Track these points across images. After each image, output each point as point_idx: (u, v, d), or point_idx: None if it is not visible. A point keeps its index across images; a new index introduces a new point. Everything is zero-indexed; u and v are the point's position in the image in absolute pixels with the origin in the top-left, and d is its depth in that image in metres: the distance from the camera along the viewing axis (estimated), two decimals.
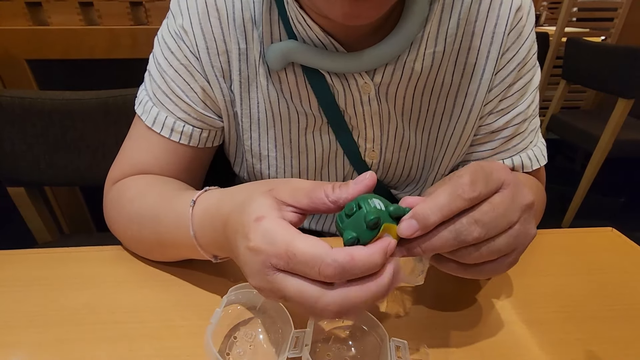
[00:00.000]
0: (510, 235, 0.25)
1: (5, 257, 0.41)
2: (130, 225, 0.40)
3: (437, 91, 0.43)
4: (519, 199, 0.26)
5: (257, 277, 0.24)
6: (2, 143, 0.77)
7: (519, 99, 0.43)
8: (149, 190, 0.40)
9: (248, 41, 0.40)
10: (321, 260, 0.21)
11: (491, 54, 0.40)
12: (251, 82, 0.42)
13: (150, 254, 0.41)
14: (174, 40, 0.41)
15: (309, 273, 0.22)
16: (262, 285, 0.24)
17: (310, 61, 0.38)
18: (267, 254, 0.23)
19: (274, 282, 0.23)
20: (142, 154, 0.44)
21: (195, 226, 0.33)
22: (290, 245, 0.22)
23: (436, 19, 0.39)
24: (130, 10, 0.96)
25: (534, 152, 0.45)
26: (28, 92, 0.79)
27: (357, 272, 0.22)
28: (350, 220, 0.23)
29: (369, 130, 0.45)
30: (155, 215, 0.37)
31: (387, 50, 0.37)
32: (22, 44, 0.96)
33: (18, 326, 0.32)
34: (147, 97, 0.43)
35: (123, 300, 0.36)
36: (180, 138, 0.43)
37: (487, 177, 0.25)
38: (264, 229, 0.23)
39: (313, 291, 0.22)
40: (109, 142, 0.80)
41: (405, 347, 0.28)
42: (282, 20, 0.39)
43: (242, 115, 0.44)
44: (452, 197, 0.24)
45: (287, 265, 0.22)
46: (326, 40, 0.38)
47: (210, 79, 0.42)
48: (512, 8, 0.39)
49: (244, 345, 0.30)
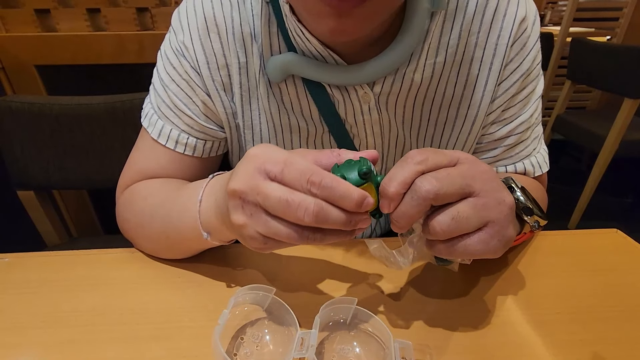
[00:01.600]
0: (473, 204, 0.26)
1: (16, 260, 0.42)
2: (142, 221, 0.41)
3: (438, 101, 0.43)
4: (478, 165, 0.28)
5: (244, 180, 0.26)
6: (12, 147, 0.79)
7: (522, 108, 0.43)
8: (160, 189, 0.41)
9: (248, 55, 0.41)
10: (313, 171, 0.25)
11: (494, 65, 0.40)
12: (252, 95, 0.43)
13: (158, 250, 0.41)
14: (175, 56, 0.42)
15: (299, 181, 0.25)
16: (245, 189, 0.26)
17: (310, 74, 0.39)
18: (264, 159, 0.26)
19: (261, 187, 0.25)
20: (150, 164, 0.45)
21: (205, 191, 0.34)
22: (290, 157, 0.26)
23: (437, 29, 0.39)
24: (136, 16, 0.98)
25: (537, 159, 0.46)
26: (37, 98, 0.80)
27: (335, 194, 0.24)
28: (345, 166, 0.26)
29: (370, 139, 0.45)
30: (165, 207, 0.38)
31: (386, 62, 0.37)
32: (31, 50, 0.98)
33: (29, 327, 0.33)
34: (152, 110, 0.44)
35: (132, 301, 0.36)
36: (185, 149, 0.44)
37: (436, 151, 0.27)
38: (267, 145, 0.28)
39: (298, 195, 0.25)
40: (117, 146, 0.81)
41: (409, 348, 0.28)
42: (282, 33, 0.39)
43: (244, 126, 0.45)
44: (402, 164, 0.26)
45: (280, 173, 0.25)
46: (325, 53, 0.38)
47: (211, 93, 0.42)
48: (517, 19, 0.39)
49: (251, 345, 0.30)
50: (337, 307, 0.31)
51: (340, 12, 0.29)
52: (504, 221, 0.27)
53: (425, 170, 0.26)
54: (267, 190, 0.25)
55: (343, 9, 0.28)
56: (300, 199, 0.24)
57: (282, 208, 0.25)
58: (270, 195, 0.25)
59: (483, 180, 0.27)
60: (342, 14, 0.29)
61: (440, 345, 0.31)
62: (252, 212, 0.26)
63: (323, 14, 0.29)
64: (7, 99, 0.77)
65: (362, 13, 0.29)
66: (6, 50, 0.97)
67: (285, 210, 0.25)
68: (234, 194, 0.26)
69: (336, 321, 0.32)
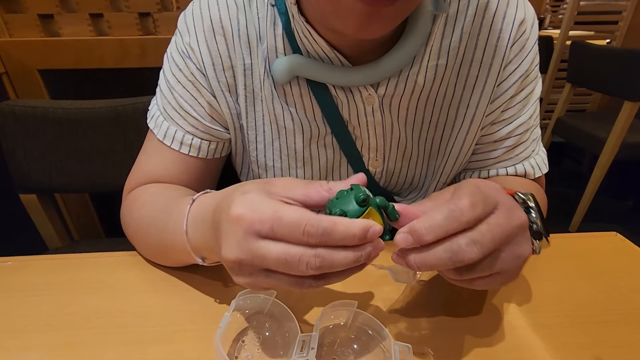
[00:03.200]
0: (493, 257, 0.26)
1: (19, 264, 0.42)
2: (139, 229, 0.41)
3: (439, 102, 0.43)
4: (514, 220, 0.26)
5: (237, 248, 0.24)
6: (15, 151, 0.79)
7: (521, 109, 0.43)
8: (157, 197, 0.42)
9: (253, 56, 0.41)
10: (307, 220, 0.23)
11: (493, 66, 0.41)
12: (256, 96, 0.43)
13: (156, 258, 0.42)
14: (181, 57, 0.42)
15: (294, 234, 0.23)
16: (239, 256, 0.24)
17: (315, 75, 0.39)
18: (251, 220, 0.24)
19: (256, 250, 0.24)
20: (155, 165, 0.45)
21: (189, 221, 0.33)
22: (278, 210, 0.24)
23: (439, 32, 0.39)
24: (139, 21, 0.98)
25: (536, 161, 0.46)
26: (40, 102, 0.81)
27: (337, 237, 0.23)
28: (340, 200, 0.25)
29: (372, 140, 0.45)
30: (160, 220, 0.38)
31: (390, 64, 0.38)
32: (35, 55, 0.99)
33: (32, 330, 0.34)
34: (158, 111, 0.45)
35: (134, 304, 0.36)
36: (190, 150, 0.44)
37: (485, 200, 0.25)
38: (248, 199, 0.25)
39: (297, 250, 0.23)
40: (119, 149, 0.81)
41: (409, 351, 0.28)
42: (286, 35, 0.40)
43: (247, 127, 0.45)
44: (450, 219, 0.24)
45: (271, 230, 0.23)
46: (332, 54, 0.38)
47: (217, 94, 0.43)
48: (516, 21, 0.39)
49: (252, 348, 0.30)
50: (338, 311, 0.32)
51: (371, 10, 0.29)
52: (515, 272, 0.28)
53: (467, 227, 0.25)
54: (263, 252, 0.24)
55: (375, 8, 0.29)
56: (299, 254, 0.23)
57: (283, 266, 0.24)
58: (267, 256, 0.24)
59: (512, 235, 0.26)
60: (373, 13, 0.29)
61: (440, 348, 0.31)
62: (252, 272, 0.25)
63: (354, 12, 0.29)
64: (10, 103, 0.78)
65: (389, 13, 0.30)
66: (10, 55, 0.98)
67: (286, 268, 0.24)
68: (229, 263, 0.26)
69: (336, 324, 0.32)
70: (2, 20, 0.96)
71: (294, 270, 0.23)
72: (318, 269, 0.23)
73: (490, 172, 0.47)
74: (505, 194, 0.27)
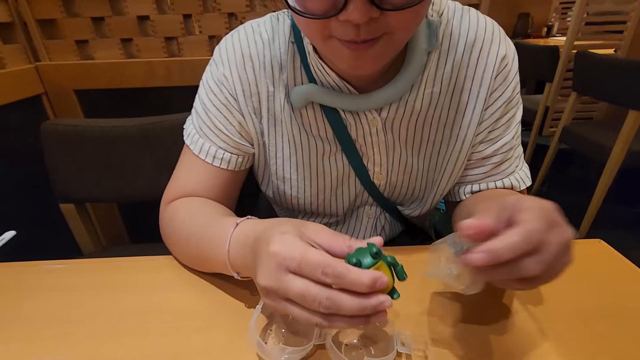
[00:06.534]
0: (554, 269, 0.29)
1: (74, 266, 0.49)
2: (179, 240, 0.48)
3: (435, 124, 0.50)
4: (568, 237, 0.29)
5: (269, 276, 0.30)
6: (57, 165, 0.87)
7: (505, 130, 0.50)
8: (197, 213, 0.48)
9: (275, 85, 0.49)
10: (326, 264, 0.28)
11: (480, 94, 0.47)
12: (277, 118, 0.50)
13: (193, 265, 0.48)
14: (216, 85, 0.49)
15: (315, 273, 0.28)
16: (270, 284, 0.30)
17: (328, 101, 0.46)
18: (283, 256, 0.29)
19: (283, 281, 0.29)
20: (190, 178, 0.52)
21: (231, 242, 0.38)
22: (305, 252, 0.29)
23: (434, 64, 0.46)
24: (165, 45, 1.06)
25: (520, 175, 0.52)
26: (79, 121, 0.89)
27: (347, 282, 0.27)
28: (356, 252, 0.30)
29: (377, 156, 0.52)
30: (200, 234, 0.44)
31: (391, 92, 0.45)
32: (71, 76, 1.07)
33: (94, 320, 0.40)
34: (194, 130, 0.52)
35: (173, 302, 0.42)
36: (221, 163, 0.51)
37: (551, 222, 0.28)
38: (285, 239, 0.30)
39: (315, 289, 0.28)
40: (148, 164, 0.89)
41: (408, 338, 0.34)
42: (304, 67, 0.47)
43: (269, 144, 0.52)
44: (527, 242, 0.27)
45: (298, 267, 0.28)
46: (341, 84, 0.45)
47: (245, 116, 0.50)
48: (498, 56, 0.46)
49: (278, 335, 0.37)
50: None
51: (357, 54, 0.36)
52: (558, 275, 0.30)
53: None
54: (288, 285, 0.29)
55: (359, 51, 0.36)
56: (315, 293, 0.27)
57: (300, 299, 0.28)
58: (290, 289, 0.28)
59: (566, 250, 0.29)
60: (359, 55, 0.36)
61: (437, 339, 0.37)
62: (276, 299, 0.30)
63: (344, 55, 0.37)
64: (53, 122, 0.86)
65: (373, 53, 0.37)
66: (49, 77, 1.07)
67: (302, 301, 0.28)
68: (261, 287, 0.31)
69: None
70: (43, 45, 1.05)
71: (308, 304, 0.28)
72: (327, 308, 0.27)
73: (481, 186, 0.53)
74: (559, 213, 0.30)
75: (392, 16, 0.34)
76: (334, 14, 0.33)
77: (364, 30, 0.34)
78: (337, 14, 0.33)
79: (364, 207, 0.59)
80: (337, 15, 0.33)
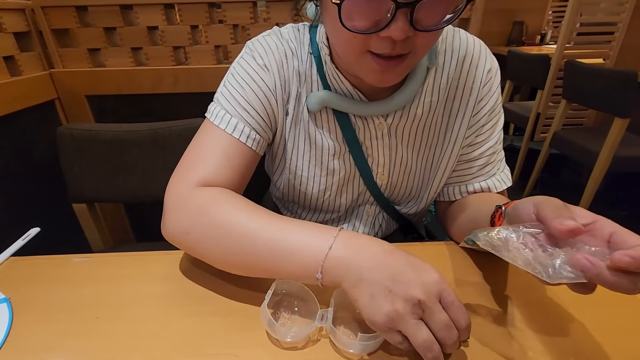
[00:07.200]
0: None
1: (97, 259, 0.54)
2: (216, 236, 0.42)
3: (432, 128, 0.57)
4: None
5: (424, 290, 0.33)
6: (71, 167, 0.92)
7: (490, 135, 0.56)
8: (251, 213, 0.43)
9: (300, 88, 0.55)
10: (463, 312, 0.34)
11: (470, 102, 0.54)
12: (298, 117, 0.56)
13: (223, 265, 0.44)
14: (256, 73, 0.52)
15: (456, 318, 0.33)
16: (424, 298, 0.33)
17: (340, 106, 0.53)
18: (445, 288, 0.34)
19: (411, 327, 0.33)
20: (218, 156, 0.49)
21: (334, 245, 0.38)
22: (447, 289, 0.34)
23: (431, 78, 0.53)
24: (172, 53, 1.11)
25: (501, 177, 0.58)
26: (93, 125, 0.94)
27: None
28: None
29: (381, 158, 0.58)
30: (263, 241, 0.40)
31: (397, 100, 0.52)
32: (83, 83, 1.12)
33: (114, 305, 0.44)
34: (223, 109, 0.51)
35: (193, 288, 0.47)
36: (250, 141, 0.51)
37: None
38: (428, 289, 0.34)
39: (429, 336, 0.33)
40: (157, 167, 0.94)
41: None
42: (320, 76, 0.53)
43: (287, 139, 0.58)
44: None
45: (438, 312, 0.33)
46: (353, 92, 0.52)
47: (278, 106, 0.54)
48: (485, 69, 0.53)
49: (285, 317, 0.42)
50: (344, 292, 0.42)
51: (386, 69, 0.42)
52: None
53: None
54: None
55: (388, 66, 0.42)
56: (455, 335, 0.33)
57: (440, 329, 0.33)
58: (415, 337, 0.32)
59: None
60: (387, 70, 0.42)
61: None
62: (413, 314, 0.33)
63: (374, 69, 0.42)
64: (69, 126, 0.92)
65: (399, 69, 0.43)
66: (62, 83, 1.12)
67: (439, 331, 0.33)
68: (411, 297, 0.33)
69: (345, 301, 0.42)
70: (57, 53, 1.10)
71: (442, 335, 0.33)
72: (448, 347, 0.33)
73: (468, 187, 0.59)
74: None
75: (420, 37, 0.39)
76: (377, 30, 0.38)
77: (399, 45, 0.39)
78: (380, 30, 0.38)
79: (365, 206, 0.65)
80: (380, 31, 0.38)
